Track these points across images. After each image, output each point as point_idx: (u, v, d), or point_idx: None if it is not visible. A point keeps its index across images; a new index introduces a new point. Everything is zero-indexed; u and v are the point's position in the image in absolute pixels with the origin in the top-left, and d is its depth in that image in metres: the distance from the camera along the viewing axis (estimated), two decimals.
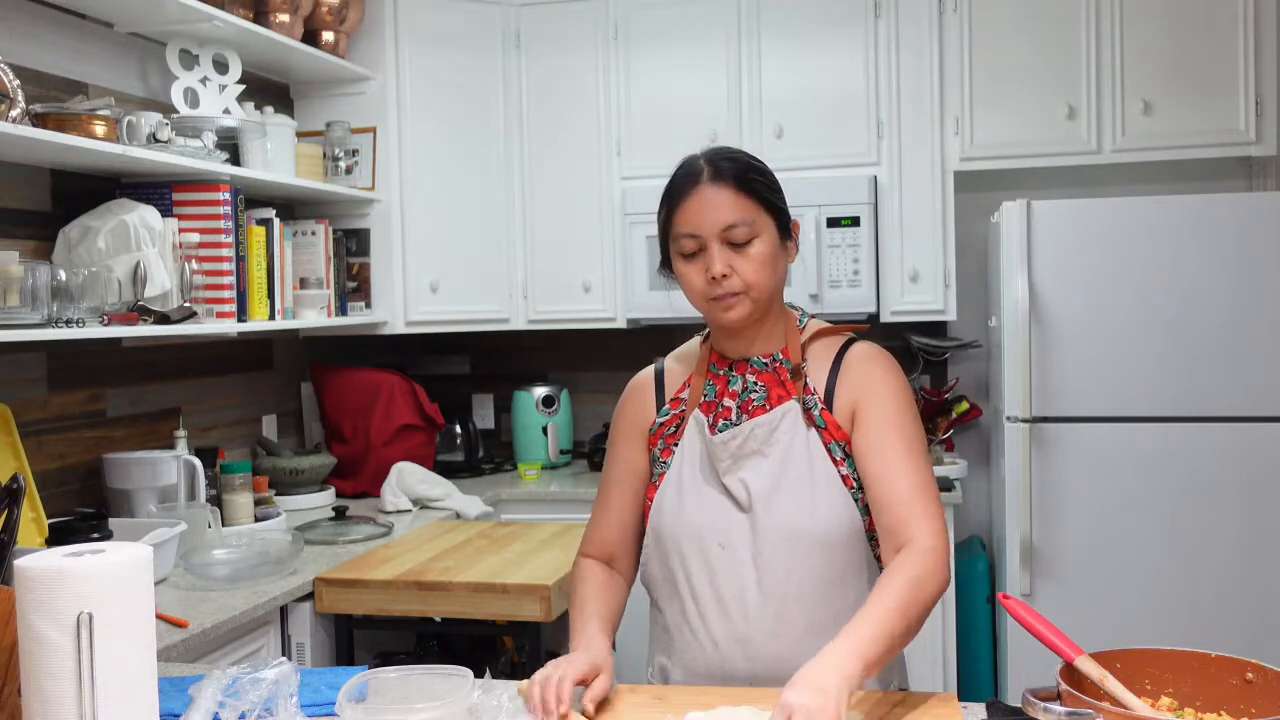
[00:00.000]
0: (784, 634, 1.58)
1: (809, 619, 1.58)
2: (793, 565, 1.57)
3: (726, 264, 1.57)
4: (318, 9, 3.43)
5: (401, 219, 3.68)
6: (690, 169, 1.62)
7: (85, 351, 2.76)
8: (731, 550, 1.59)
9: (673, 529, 1.64)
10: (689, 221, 1.59)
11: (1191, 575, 3.14)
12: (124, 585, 1.22)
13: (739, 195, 1.57)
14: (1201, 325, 3.12)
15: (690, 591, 1.62)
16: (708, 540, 1.61)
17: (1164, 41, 3.46)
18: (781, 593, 1.58)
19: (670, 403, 1.71)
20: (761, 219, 1.58)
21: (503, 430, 4.31)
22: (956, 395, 3.90)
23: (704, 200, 1.58)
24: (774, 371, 1.65)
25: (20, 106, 2.33)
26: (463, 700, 1.43)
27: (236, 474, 2.94)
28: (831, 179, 3.57)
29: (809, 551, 1.57)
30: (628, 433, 1.74)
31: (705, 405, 1.67)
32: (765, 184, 1.61)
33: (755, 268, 1.57)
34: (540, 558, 2.66)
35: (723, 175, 1.58)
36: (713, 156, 1.62)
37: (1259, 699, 1.27)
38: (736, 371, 1.67)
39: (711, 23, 3.74)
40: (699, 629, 1.62)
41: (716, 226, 1.57)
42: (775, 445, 1.60)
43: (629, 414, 1.75)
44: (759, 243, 1.58)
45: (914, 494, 1.53)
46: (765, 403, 1.63)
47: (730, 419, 1.64)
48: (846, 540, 1.58)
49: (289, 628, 2.49)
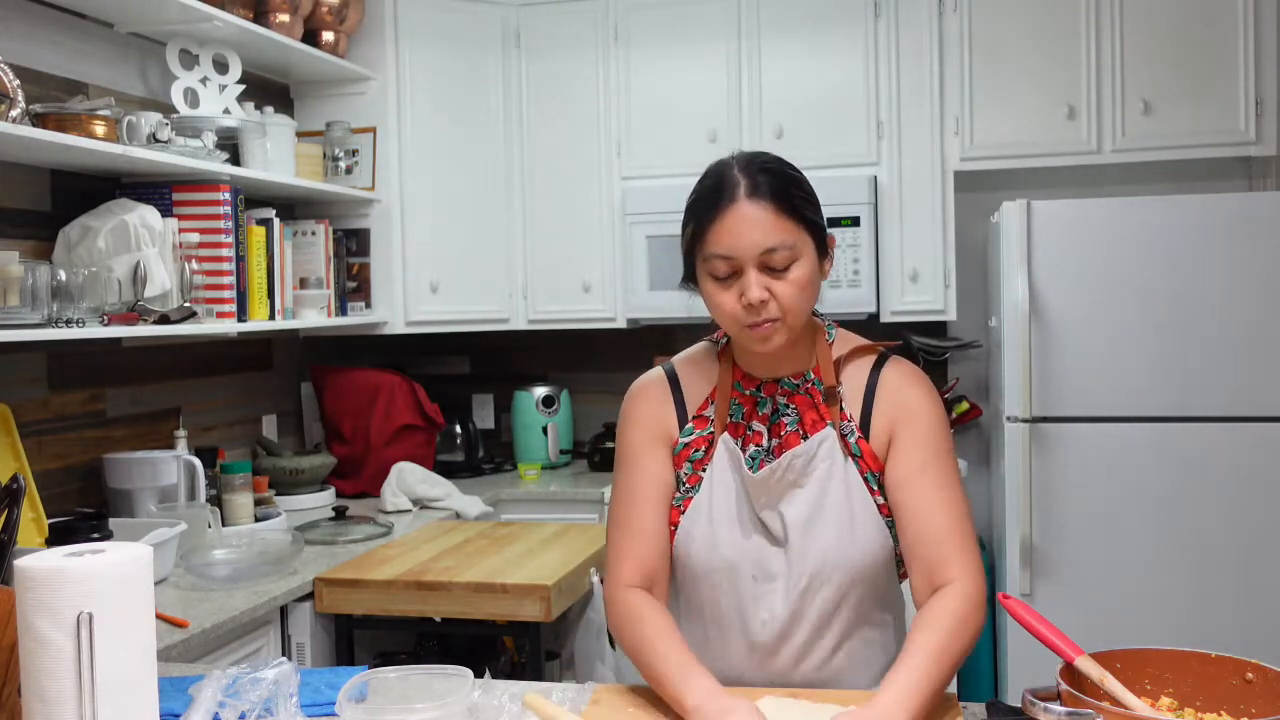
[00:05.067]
0: (811, 660, 1.55)
1: (836, 645, 1.55)
2: (828, 595, 1.53)
3: (764, 289, 1.44)
4: (318, 9, 3.43)
5: (401, 219, 3.68)
6: (723, 181, 1.47)
7: (85, 351, 2.76)
8: (766, 581, 1.54)
9: (705, 562, 1.55)
10: (723, 243, 1.45)
11: (1191, 575, 3.14)
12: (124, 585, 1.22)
13: (780, 216, 1.44)
14: (1201, 325, 3.12)
15: (715, 619, 1.58)
16: (742, 573, 1.54)
17: (1164, 41, 3.46)
18: (815, 622, 1.53)
19: (695, 420, 1.59)
20: (802, 241, 1.46)
21: (503, 430, 4.31)
22: (956, 395, 3.90)
23: (741, 220, 1.43)
24: (806, 393, 1.56)
25: (20, 106, 2.33)
26: (463, 700, 1.43)
27: (236, 474, 2.94)
28: (831, 179, 3.57)
29: (844, 581, 1.52)
30: (649, 443, 1.59)
31: (732, 427, 1.57)
32: (805, 199, 1.48)
33: (794, 293, 1.45)
34: (540, 558, 2.66)
35: (761, 191, 1.44)
36: (748, 166, 1.47)
37: (1259, 699, 1.27)
38: (765, 393, 1.57)
39: (711, 23, 3.74)
40: (720, 654, 1.58)
41: (755, 250, 1.43)
42: (812, 474, 1.52)
43: (646, 422, 1.61)
44: (799, 266, 1.45)
45: (951, 531, 1.48)
46: (799, 427, 1.55)
47: (761, 445, 1.55)
48: (879, 568, 1.54)
49: (289, 628, 2.49)
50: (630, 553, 1.57)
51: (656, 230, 3.69)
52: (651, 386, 1.64)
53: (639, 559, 1.56)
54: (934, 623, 1.42)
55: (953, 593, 1.45)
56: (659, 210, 3.68)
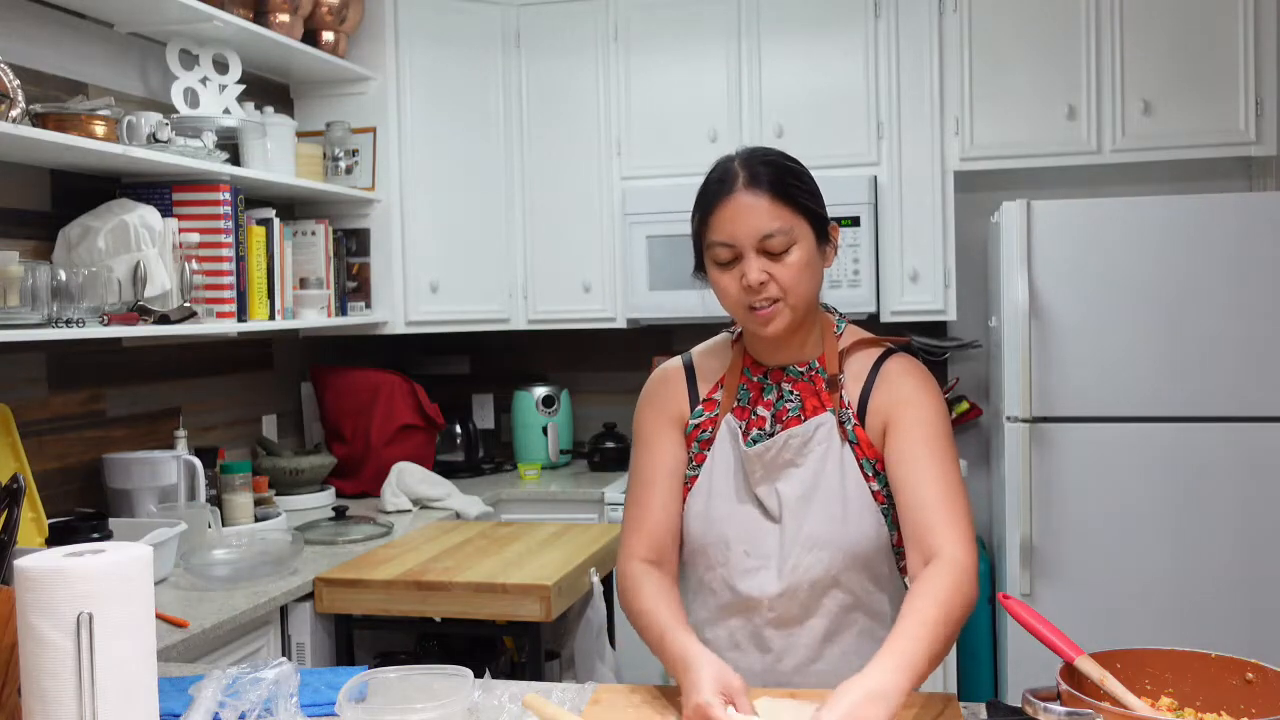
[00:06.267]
0: (802, 640, 1.58)
1: (828, 628, 1.58)
2: (818, 575, 1.56)
3: (763, 272, 1.52)
4: (318, 9, 3.43)
5: (401, 219, 3.68)
6: (725, 174, 1.56)
7: (85, 351, 2.76)
8: (758, 557, 1.58)
9: (701, 536, 1.62)
10: (724, 230, 1.54)
11: (1191, 575, 3.14)
12: (124, 585, 1.22)
13: (775, 203, 1.52)
14: (1201, 325, 3.12)
15: (713, 594, 1.63)
16: (734, 548, 1.60)
17: (1164, 41, 3.46)
18: (804, 601, 1.57)
19: (704, 403, 1.67)
20: (799, 226, 1.54)
21: (503, 430, 4.31)
22: (956, 395, 3.90)
23: (739, 208, 1.53)
24: (810, 380, 1.62)
25: (20, 106, 2.33)
26: (463, 700, 1.43)
27: (236, 474, 2.94)
28: (831, 179, 3.53)
29: (836, 562, 1.56)
30: (663, 426, 1.67)
31: (738, 410, 1.64)
32: (803, 189, 1.56)
33: (792, 275, 1.53)
34: (540, 558, 2.66)
35: (759, 182, 1.53)
36: (748, 159, 1.56)
37: (1259, 699, 1.27)
38: (771, 380, 1.64)
39: (711, 23, 3.74)
40: (718, 632, 1.62)
41: (753, 236, 1.52)
42: (809, 455, 1.58)
43: (661, 405, 1.69)
44: (796, 250, 1.53)
45: (941, 501, 1.51)
46: (800, 413, 1.61)
47: (764, 429, 1.62)
48: (873, 553, 1.58)
49: (289, 628, 2.49)
50: (641, 528, 1.65)
51: (657, 230, 3.69)
52: (668, 373, 1.72)
53: (648, 534, 1.64)
54: (928, 592, 1.44)
55: (944, 562, 1.47)
56: (659, 210, 3.68)
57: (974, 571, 1.49)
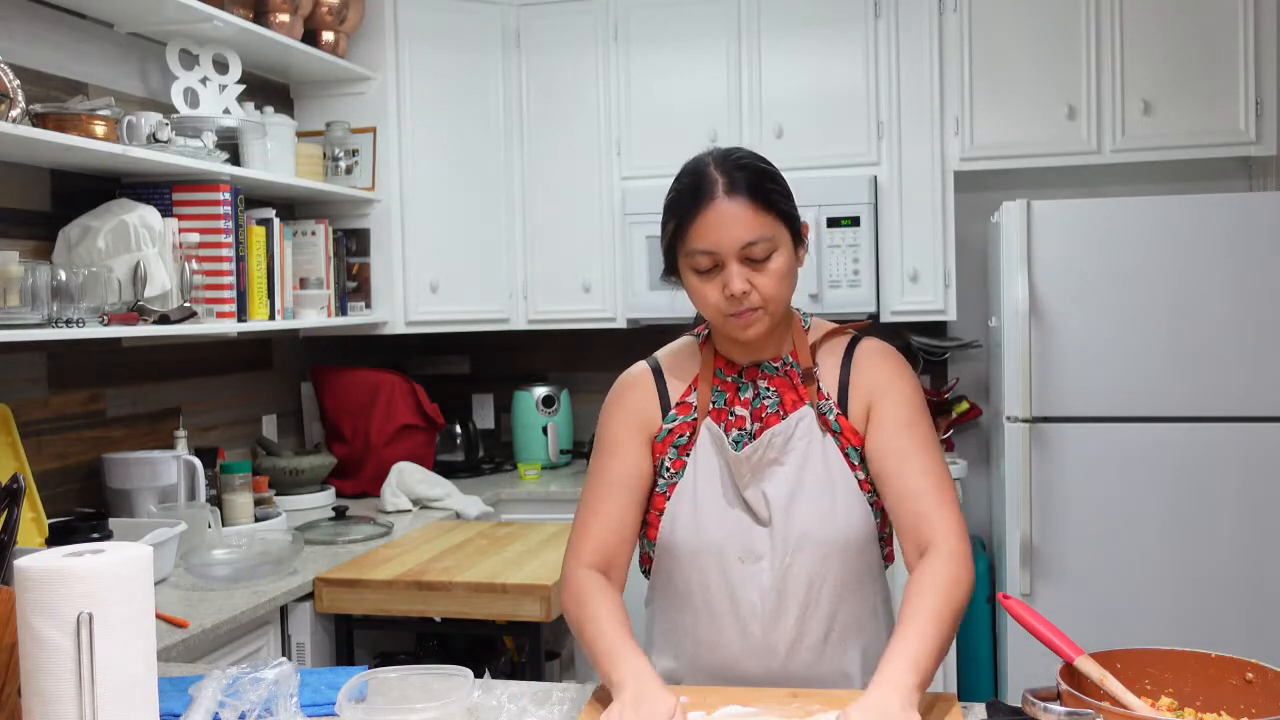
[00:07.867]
0: (804, 641, 1.57)
1: (828, 625, 1.58)
2: (813, 571, 1.56)
3: (745, 281, 1.50)
4: (318, 9, 3.43)
5: (401, 219, 3.68)
6: (701, 179, 1.54)
7: (85, 351, 2.76)
8: (752, 562, 1.56)
9: (691, 544, 1.58)
10: (705, 238, 1.51)
11: (1191, 575, 3.14)
12: (124, 585, 1.22)
13: (757, 211, 1.50)
14: (1201, 325, 3.12)
15: (706, 604, 1.59)
16: (728, 554, 1.57)
17: (1164, 41, 3.46)
18: (802, 600, 1.56)
19: (677, 408, 1.63)
20: (779, 232, 1.52)
21: (503, 430, 4.31)
22: (956, 395, 3.90)
23: (721, 216, 1.50)
24: (785, 375, 1.61)
25: (20, 106, 2.33)
26: (463, 700, 1.43)
27: (236, 474, 2.94)
28: (831, 179, 3.57)
29: (829, 557, 1.56)
30: (630, 433, 1.63)
31: (715, 413, 1.61)
32: (779, 192, 1.54)
33: (774, 282, 1.51)
34: (540, 558, 2.66)
35: (738, 188, 1.50)
36: (724, 163, 1.54)
37: (1259, 699, 1.27)
38: (746, 378, 1.62)
39: (711, 23, 3.74)
40: (715, 642, 1.60)
41: (735, 245, 1.49)
42: (792, 452, 1.57)
43: (628, 412, 1.64)
44: (777, 257, 1.52)
45: (930, 491, 1.52)
46: (779, 409, 1.59)
47: (744, 428, 1.60)
48: (863, 544, 1.58)
49: (289, 628, 2.49)
50: (592, 534, 1.60)
51: (656, 230, 3.63)
52: (635, 380, 1.68)
53: (599, 541, 1.60)
54: (927, 585, 1.45)
55: (940, 554, 1.48)
56: (659, 210, 3.63)
57: (970, 558, 1.50)
